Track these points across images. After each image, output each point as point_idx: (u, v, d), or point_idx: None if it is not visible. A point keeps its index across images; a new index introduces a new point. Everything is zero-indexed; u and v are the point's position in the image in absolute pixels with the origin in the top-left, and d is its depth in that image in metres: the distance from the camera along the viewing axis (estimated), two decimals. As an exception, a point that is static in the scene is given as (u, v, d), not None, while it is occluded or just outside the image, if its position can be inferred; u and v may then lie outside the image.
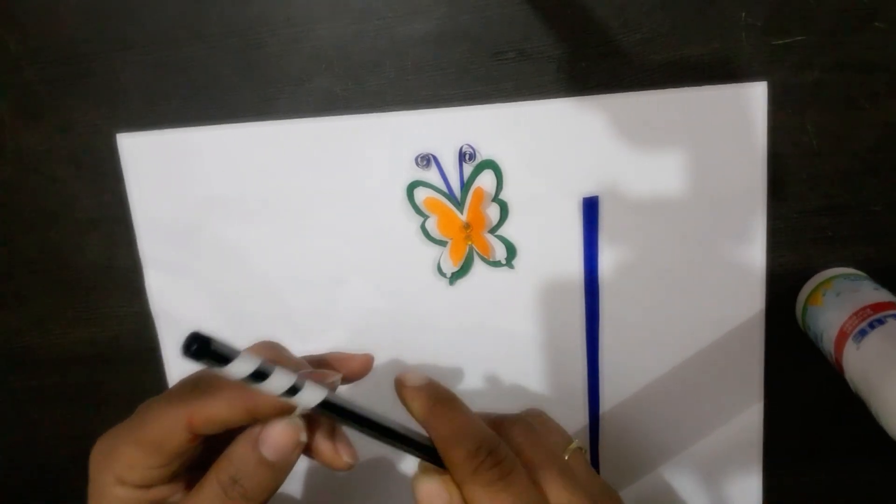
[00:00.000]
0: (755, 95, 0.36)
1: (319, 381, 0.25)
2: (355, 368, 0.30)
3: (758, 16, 0.36)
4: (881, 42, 0.36)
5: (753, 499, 0.43)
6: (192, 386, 0.26)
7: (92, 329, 0.44)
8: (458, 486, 0.26)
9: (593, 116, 0.37)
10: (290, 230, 0.41)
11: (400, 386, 0.28)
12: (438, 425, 0.27)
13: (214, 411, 0.25)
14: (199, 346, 0.20)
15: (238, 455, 0.25)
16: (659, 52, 0.37)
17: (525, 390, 0.42)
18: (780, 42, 0.36)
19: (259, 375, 0.22)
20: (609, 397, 0.42)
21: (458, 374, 0.42)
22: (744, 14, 0.36)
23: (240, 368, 0.21)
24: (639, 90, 0.37)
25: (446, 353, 0.42)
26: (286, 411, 0.25)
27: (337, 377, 0.27)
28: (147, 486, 0.26)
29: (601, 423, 0.42)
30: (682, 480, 0.43)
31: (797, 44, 0.36)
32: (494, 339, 0.41)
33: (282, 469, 0.25)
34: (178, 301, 0.42)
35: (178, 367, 0.44)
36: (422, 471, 0.27)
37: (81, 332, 0.44)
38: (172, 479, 0.26)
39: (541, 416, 0.32)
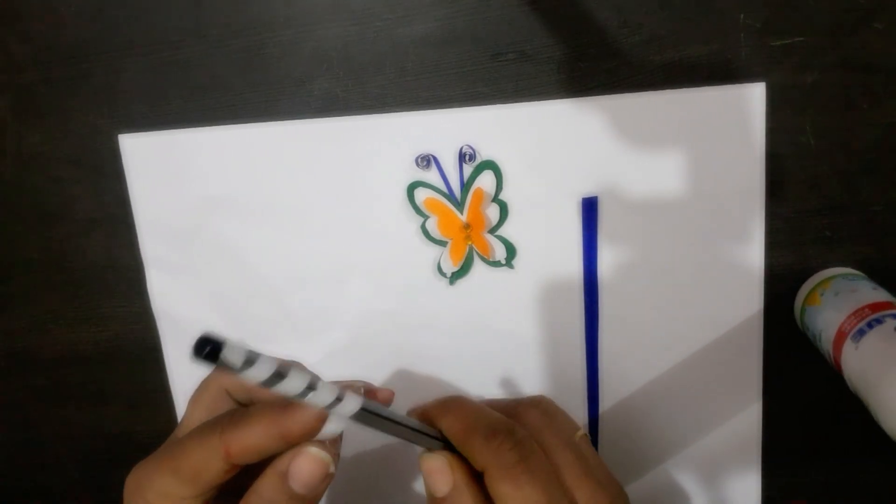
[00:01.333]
0: (754, 96, 0.37)
1: (353, 390, 0.25)
2: (381, 399, 0.30)
3: (756, 17, 0.36)
4: (880, 43, 0.36)
5: (752, 498, 0.43)
6: (227, 416, 0.26)
7: (92, 329, 0.44)
8: (483, 474, 0.26)
9: (593, 117, 0.37)
10: (290, 230, 0.41)
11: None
12: (452, 421, 0.27)
13: (252, 440, 0.25)
14: (212, 349, 0.19)
15: (268, 489, 0.25)
16: (658, 53, 0.37)
17: (524, 390, 0.42)
18: (779, 43, 0.36)
19: (279, 377, 0.21)
20: (608, 397, 0.42)
21: (458, 374, 0.42)
22: (742, 15, 0.36)
23: (261, 371, 0.21)
24: (638, 91, 0.37)
25: (446, 353, 0.42)
26: (317, 430, 0.25)
27: (361, 386, 0.28)
28: None
29: (600, 422, 0.42)
30: (681, 480, 0.43)
31: (796, 45, 0.36)
32: (494, 339, 0.42)
33: (311, 500, 0.26)
34: (179, 301, 0.42)
35: (178, 367, 0.44)
36: (428, 449, 0.28)
37: (82, 332, 0.44)
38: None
39: (550, 402, 0.32)
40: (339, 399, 0.23)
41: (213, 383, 0.29)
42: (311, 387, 0.22)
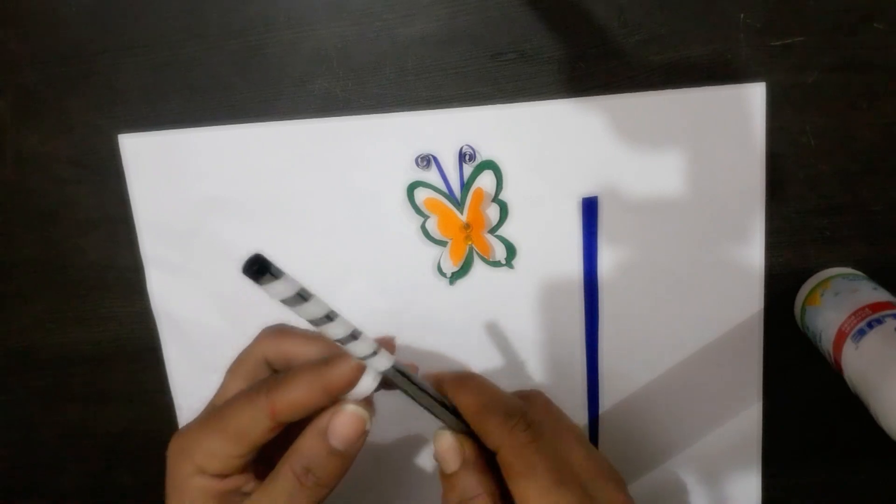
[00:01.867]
0: (754, 96, 0.37)
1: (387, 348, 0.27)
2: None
3: (756, 17, 0.36)
4: (880, 42, 0.36)
5: (753, 498, 0.43)
6: (270, 378, 0.27)
7: (92, 329, 0.44)
8: (496, 453, 0.28)
9: (593, 117, 0.37)
10: (290, 230, 0.41)
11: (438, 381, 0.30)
12: (468, 398, 0.28)
13: (295, 396, 0.26)
14: (260, 266, 0.21)
15: (308, 446, 0.27)
16: (658, 53, 0.37)
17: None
18: (779, 43, 0.36)
19: (328, 318, 0.23)
20: (608, 397, 0.42)
21: (457, 373, 0.42)
22: (742, 15, 0.36)
23: (286, 288, 0.22)
24: (638, 91, 0.37)
25: (446, 352, 0.42)
26: (355, 382, 0.26)
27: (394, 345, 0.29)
28: (225, 475, 0.27)
29: (600, 422, 0.42)
30: (681, 480, 0.43)
31: (796, 44, 0.36)
32: (494, 338, 0.41)
33: (350, 456, 0.27)
34: (179, 301, 0.42)
35: (178, 367, 0.44)
36: (441, 428, 0.29)
37: (82, 332, 0.44)
38: (246, 468, 0.28)
39: (545, 396, 0.33)
40: (374, 353, 0.25)
41: (253, 353, 0.30)
42: (354, 335, 0.24)
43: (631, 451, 0.43)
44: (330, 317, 0.23)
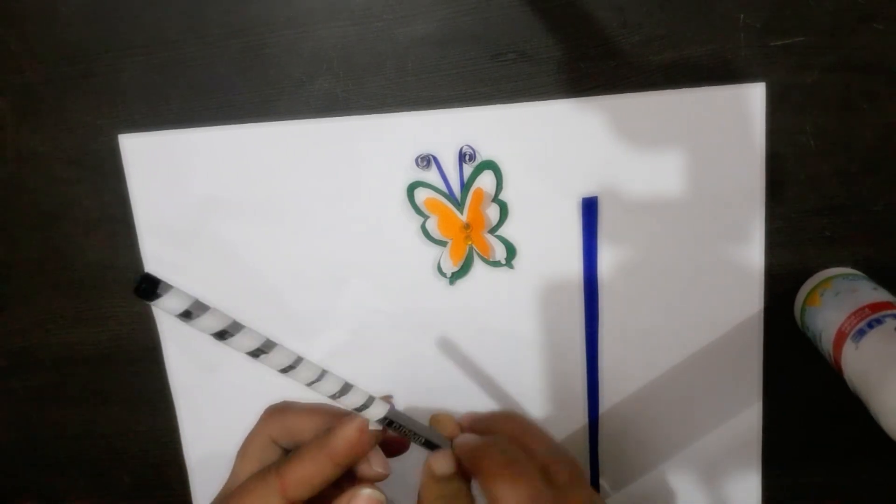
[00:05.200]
0: (754, 96, 0.37)
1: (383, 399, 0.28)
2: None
3: (756, 17, 0.36)
4: (880, 43, 0.36)
5: (753, 498, 0.43)
6: (279, 465, 0.28)
7: (92, 329, 0.44)
8: (477, 477, 0.29)
9: (593, 117, 0.37)
10: (290, 230, 0.41)
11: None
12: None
13: (304, 471, 0.27)
14: (148, 286, 0.21)
15: None
16: (658, 53, 0.37)
17: (525, 390, 0.42)
18: (779, 43, 0.36)
19: (196, 310, 0.24)
20: (608, 397, 0.42)
21: (457, 373, 0.42)
22: (742, 15, 0.36)
23: (175, 303, 0.23)
24: (638, 91, 0.37)
25: (446, 353, 0.42)
26: (357, 442, 0.27)
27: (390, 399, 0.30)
28: None
29: (601, 422, 0.42)
30: (681, 480, 0.43)
31: (796, 45, 0.36)
32: (494, 339, 0.41)
33: None
34: (178, 301, 0.42)
35: (178, 367, 0.44)
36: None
37: (81, 332, 0.44)
38: None
39: (522, 415, 0.34)
40: (366, 405, 0.26)
41: (259, 434, 0.31)
42: (344, 391, 0.25)
43: (631, 451, 0.43)
44: (263, 350, 0.24)
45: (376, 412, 0.27)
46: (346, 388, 0.25)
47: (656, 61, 0.37)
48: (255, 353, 0.23)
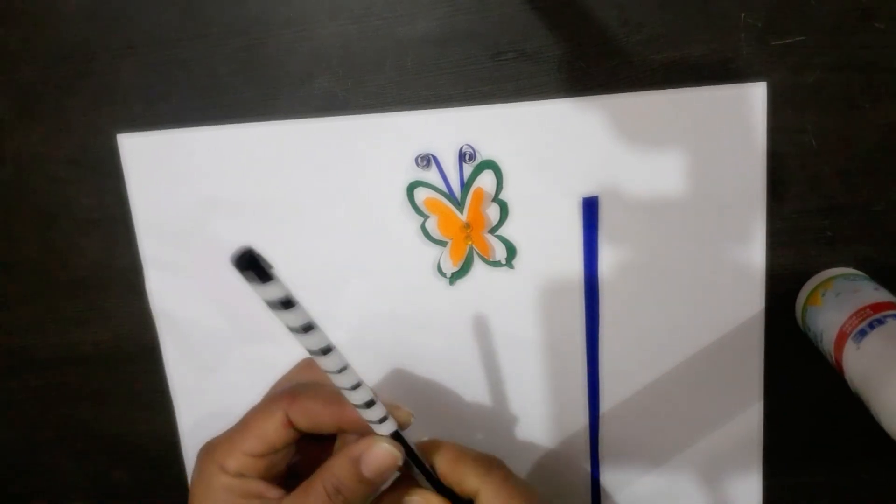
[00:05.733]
0: (755, 96, 0.36)
1: (395, 414, 0.29)
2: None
3: (757, 16, 0.36)
4: (881, 42, 0.36)
5: (753, 499, 0.43)
6: (290, 390, 0.30)
7: (92, 329, 0.44)
8: (474, 496, 0.30)
9: (593, 117, 0.37)
10: (290, 230, 0.41)
11: None
12: (446, 451, 0.31)
13: (309, 406, 0.29)
14: (249, 260, 0.21)
15: (341, 469, 0.28)
16: (659, 53, 0.37)
17: (525, 390, 0.42)
18: (780, 42, 0.36)
19: (288, 304, 0.24)
20: (609, 397, 0.42)
21: (457, 374, 0.42)
22: (743, 14, 0.36)
23: (275, 292, 0.23)
24: (638, 90, 0.37)
25: (446, 353, 0.42)
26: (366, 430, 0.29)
27: (408, 416, 0.31)
28: (243, 474, 0.29)
29: (601, 423, 0.42)
30: (682, 480, 0.43)
31: (797, 44, 0.36)
32: (494, 339, 0.41)
33: (377, 486, 0.29)
34: (178, 301, 0.42)
35: (177, 367, 0.44)
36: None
37: (81, 332, 0.44)
38: (268, 477, 0.30)
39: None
40: (382, 420, 0.28)
41: (289, 379, 0.33)
42: (371, 403, 0.27)
43: (631, 452, 0.43)
44: (310, 327, 0.25)
45: (384, 430, 0.28)
46: (373, 401, 0.27)
47: (657, 60, 0.37)
48: (315, 353, 0.25)
